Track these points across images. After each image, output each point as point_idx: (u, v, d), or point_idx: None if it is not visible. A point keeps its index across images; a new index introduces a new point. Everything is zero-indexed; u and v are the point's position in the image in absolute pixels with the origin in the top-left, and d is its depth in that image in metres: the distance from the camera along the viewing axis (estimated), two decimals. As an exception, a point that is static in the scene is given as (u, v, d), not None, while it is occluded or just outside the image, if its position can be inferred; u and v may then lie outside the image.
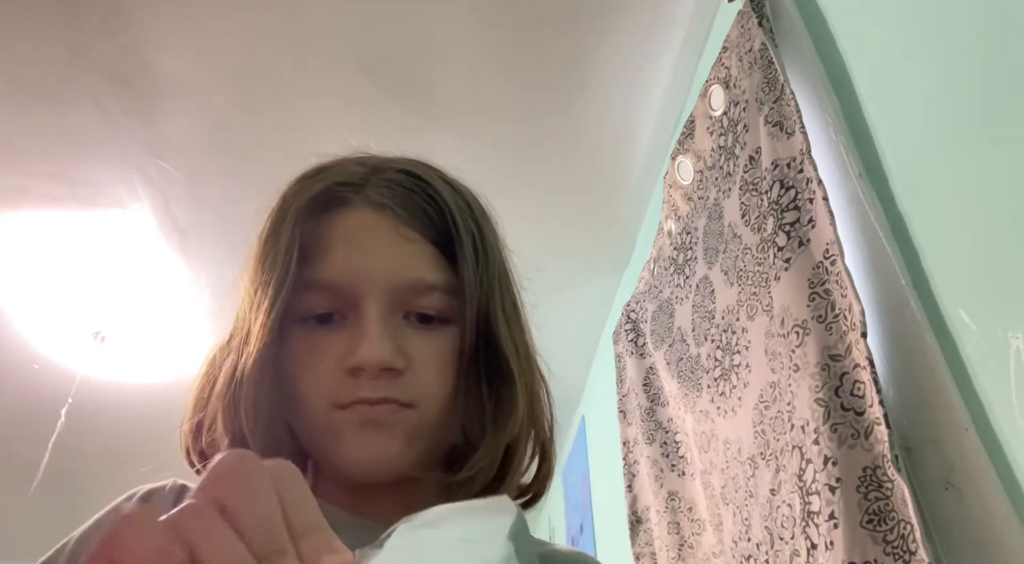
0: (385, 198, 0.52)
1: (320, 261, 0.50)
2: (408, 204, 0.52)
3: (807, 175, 0.87)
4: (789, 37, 1.01)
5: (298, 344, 0.49)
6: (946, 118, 0.74)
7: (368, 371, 0.47)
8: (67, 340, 2.08)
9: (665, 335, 1.38)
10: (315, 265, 0.49)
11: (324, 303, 0.49)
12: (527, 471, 0.54)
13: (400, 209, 0.51)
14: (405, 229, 0.51)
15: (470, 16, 1.33)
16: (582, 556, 0.57)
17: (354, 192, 0.52)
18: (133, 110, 1.48)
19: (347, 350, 0.47)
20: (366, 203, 0.52)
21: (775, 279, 0.90)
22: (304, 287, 0.49)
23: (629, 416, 1.59)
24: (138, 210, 1.71)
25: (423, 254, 0.51)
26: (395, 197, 0.52)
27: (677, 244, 1.36)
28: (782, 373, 0.89)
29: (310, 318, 0.49)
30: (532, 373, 0.55)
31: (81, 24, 1.32)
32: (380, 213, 0.51)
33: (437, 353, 0.50)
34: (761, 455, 0.97)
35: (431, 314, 0.50)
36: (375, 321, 0.48)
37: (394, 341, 0.48)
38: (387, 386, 0.48)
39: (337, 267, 0.49)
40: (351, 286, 0.49)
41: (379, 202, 0.52)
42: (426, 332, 0.50)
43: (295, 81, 1.44)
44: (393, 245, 0.50)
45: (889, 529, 0.69)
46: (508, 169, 1.65)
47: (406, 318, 0.50)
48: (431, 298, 0.50)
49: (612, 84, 1.46)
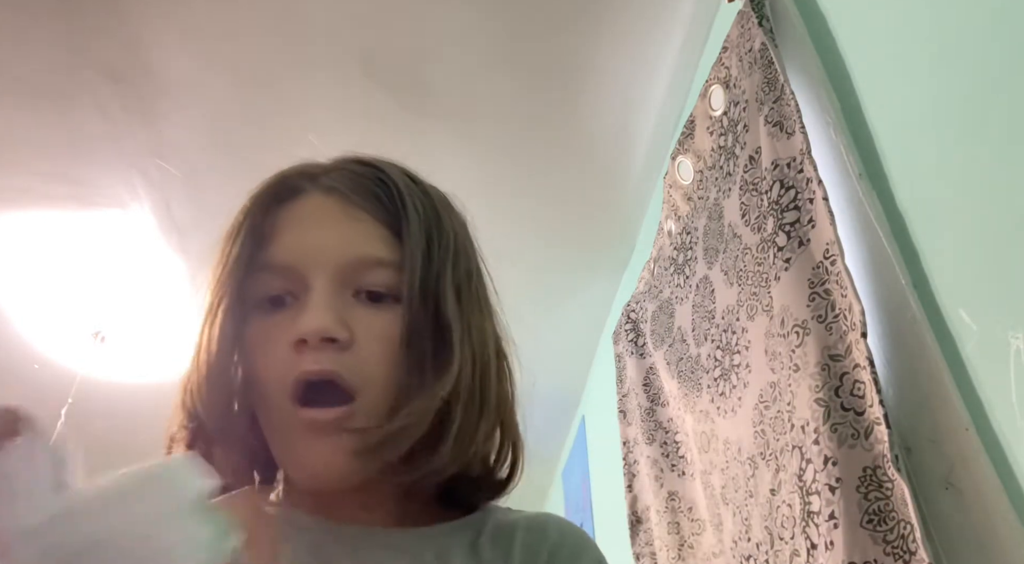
0: (335, 182, 0.54)
1: (272, 245, 0.51)
2: (357, 187, 0.53)
3: (807, 175, 0.87)
4: (789, 37, 1.01)
5: (254, 331, 0.50)
6: (946, 118, 0.74)
7: (310, 341, 0.47)
8: (67, 340, 2.08)
9: (665, 335, 1.38)
10: (267, 249, 0.51)
11: (276, 285, 0.50)
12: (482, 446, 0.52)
13: (349, 192, 0.53)
14: (353, 209, 0.52)
15: (470, 17, 1.33)
16: (544, 516, 0.56)
17: (308, 181, 0.54)
18: (133, 110, 1.48)
19: (291, 326, 0.48)
20: (317, 189, 0.54)
21: (775, 279, 0.90)
22: (257, 270, 0.50)
23: (629, 416, 1.59)
24: (138, 210, 1.71)
25: (371, 232, 0.52)
26: (345, 182, 0.54)
27: (677, 244, 1.36)
28: (782, 373, 0.89)
29: (265, 303, 0.50)
30: (485, 348, 0.54)
31: (81, 24, 1.32)
32: (330, 196, 0.53)
33: (384, 329, 0.49)
34: (761, 455, 0.97)
35: (381, 291, 0.50)
36: (319, 293, 0.49)
37: (337, 313, 0.48)
38: (330, 359, 0.47)
39: (286, 248, 0.51)
40: (300, 265, 0.50)
41: (329, 186, 0.53)
42: (375, 309, 0.50)
43: (295, 81, 1.44)
44: (340, 224, 0.52)
45: (889, 529, 0.69)
46: (508, 169, 1.65)
47: (356, 296, 0.50)
48: (379, 274, 0.51)
49: (612, 84, 1.46)
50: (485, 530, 0.53)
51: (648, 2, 1.31)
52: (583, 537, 0.56)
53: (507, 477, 0.56)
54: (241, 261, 0.50)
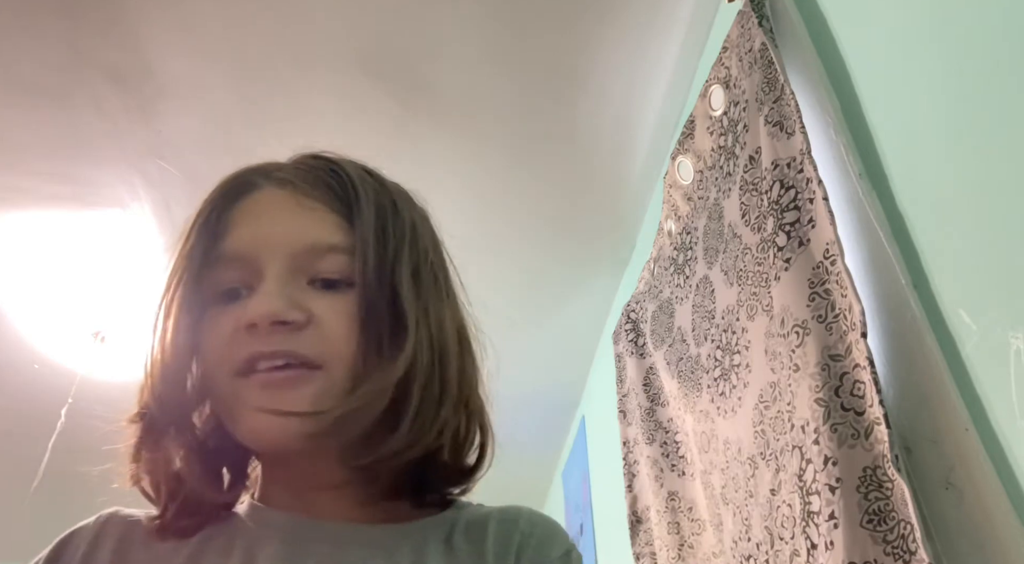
0: (288, 175, 0.55)
1: (227, 238, 0.52)
2: (310, 178, 0.54)
3: (807, 175, 0.87)
4: (789, 37, 1.01)
5: (209, 324, 0.50)
6: (946, 118, 0.74)
7: (260, 325, 0.47)
8: (67, 340, 2.08)
9: (665, 335, 1.38)
10: (222, 242, 0.52)
11: (231, 277, 0.51)
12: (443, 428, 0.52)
13: (301, 183, 0.54)
14: (306, 199, 0.53)
15: (470, 16, 1.33)
16: (515, 508, 0.57)
17: (262, 177, 0.55)
18: (133, 110, 1.48)
19: (242, 313, 0.48)
20: (271, 183, 0.55)
21: (775, 279, 0.90)
22: (212, 263, 0.51)
23: (629, 416, 1.59)
24: (138, 210, 1.71)
25: (323, 219, 0.52)
26: (298, 174, 0.55)
27: (677, 244, 1.36)
28: (782, 373, 0.89)
29: (221, 297, 0.51)
30: (443, 331, 0.54)
31: (81, 24, 1.32)
32: (282, 188, 0.54)
33: (342, 311, 0.50)
34: (761, 455, 0.97)
35: (335, 278, 0.51)
36: (270, 278, 0.49)
37: (289, 296, 0.49)
38: (285, 340, 0.47)
39: (239, 239, 0.51)
40: (253, 254, 0.50)
41: (282, 179, 0.54)
42: (331, 294, 0.50)
43: (295, 81, 1.44)
44: (291, 213, 0.52)
45: (889, 529, 0.69)
46: (508, 169, 1.65)
47: (312, 284, 0.51)
48: (333, 260, 0.51)
49: (612, 84, 1.46)
50: (459, 525, 0.54)
51: (648, 2, 1.31)
52: (554, 526, 0.57)
53: (476, 462, 0.56)
54: (196, 255, 0.51)
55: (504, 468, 0.59)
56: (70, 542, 0.51)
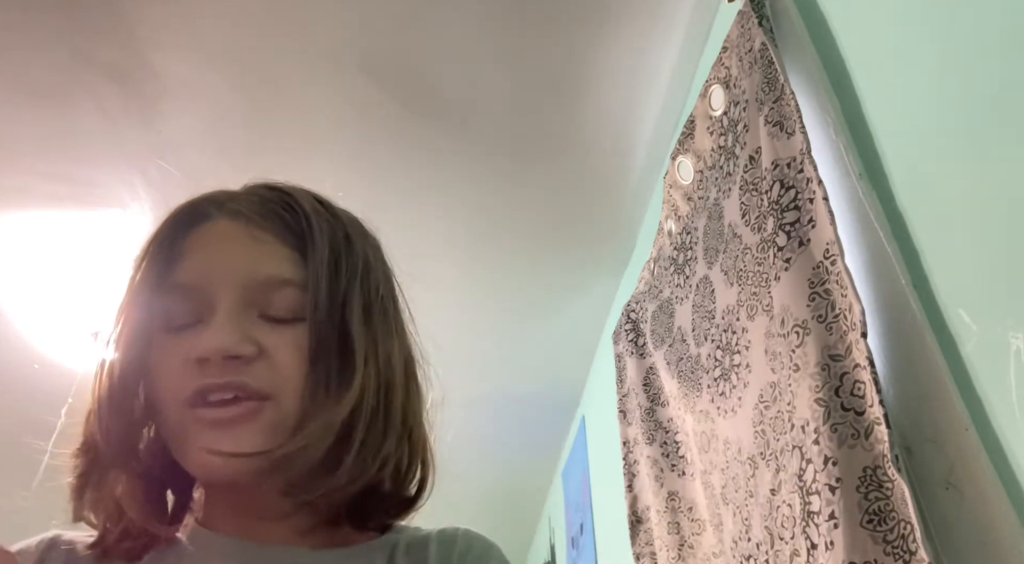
0: (242, 207, 0.55)
1: (178, 267, 0.52)
2: (263, 211, 0.54)
3: (807, 175, 0.87)
4: (789, 37, 1.01)
5: (157, 352, 0.50)
6: (946, 117, 0.74)
7: (212, 360, 0.47)
8: (67, 340, 2.08)
9: (665, 335, 1.38)
10: (173, 272, 0.52)
11: (182, 309, 0.51)
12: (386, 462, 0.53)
13: (255, 215, 0.54)
14: (259, 232, 0.53)
15: (470, 16, 1.33)
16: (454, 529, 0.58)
17: (214, 207, 0.55)
18: (133, 110, 1.48)
19: (192, 345, 0.48)
20: (223, 214, 0.54)
21: (775, 279, 0.90)
22: (163, 292, 0.51)
23: (629, 416, 1.59)
24: (138, 210, 1.71)
25: (276, 253, 0.53)
26: (252, 206, 0.55)
27: (677, 244, 1.36)
28: (782, 373, 0.89)
29: (172, 329, 0.51)
30: (390, 368, 0.54)
31: (82, 24, 1.32)
32: (235, 221, 0.54)
33: (292, 344, 0.50)
34: (761, 455, 0.97)
35: (286, 316, 0.51)
36: (222, 312, 0.49)
37: (241, 330, 0.48)
38: (235, 371, 0.48)
39: (191, 270, 0.51)
40: (205, 286, 0.50)
41: (235, 210, 0.54)
42: (282, 328, 0.51)
43: (295, 81, 1.44)
44: (244, 246, 0.52)
45: (889, 529, 0.69)
46: (508, 169, 1.65)
47: (263, 318, 0.51)
48: (284, 295, 0.51)
49: (612, 84, 1.46)
50: (399, 546, 0.55)
51: (648, 2, 1.31)
52: (489, 544, 0.58)
53: (416, 494, 0.57)
54: (147, 284, 0.51)
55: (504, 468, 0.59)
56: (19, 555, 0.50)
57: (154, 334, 0.50)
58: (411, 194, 1.67)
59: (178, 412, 0.48)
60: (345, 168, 1.59)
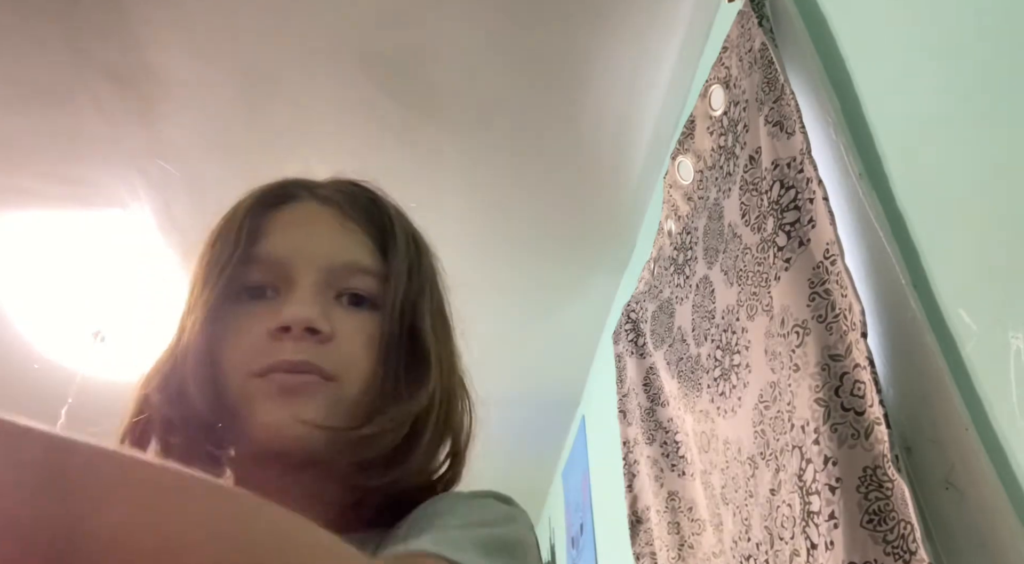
0: (332, 194, 0.57)
1: (263, 241, 0.53)
2: (352, 202, 0.57)
3: (807, 175, 0.87)
4: (789, 37, 1.01)
5: (229, 320, 0.50)
6: (946, 117, 0.74)
7: (293, 330, 0.48)
8: (67, 340, 2.08)
9: (665, 335, 1.38)
10: (258, 245, 0.52)
11: (259, 277, 0.52)
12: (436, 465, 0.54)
13: (344, 204, 0.56)
14: (346, 220, 0.55)
15: (470, 16, 1.33)
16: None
17: (304, 190, 0.57)
18: (133, 110, 1.48)
19: (273, 315, 0.49)
20: (314, 197, 0.57)
21: (775, 279, 0.90)
22: (244, 262, 0.51)
23: (629, 416, 1.59)
24: (138, 210, 1.71)
25: (361, 243, 0.55)
26: (340, 195, 0.57)
27: (677, 244, 1.36)
28: (782, 373, 0.89)
29: (243, 293, 0.51)
30: (452, 375, 0.56)
31: (82, 24, 1.32)
32: (325, 205, 0.56)
33: (363, 330, 0.51)
34: (761, 455, 0.97)
35: (362, 295, 0.53)
36: (306, 288, 0.50)
37: (321, 307, 0.50)
38: (310, 350, 0.48)
39: (277, 243, 0.53)
40: (288, 261, 0.52)
41: (326, 196, 0.57)
42: (355, 312, 0.52)
43: (295, 81, 1.44)
44: (333, 230, 0.54)
45: (889, 529, 0.69)
46: (507, 169, 1.65)
47: (338, 299, 0.52)
48: (363, 280, 0.53)
49: (612, 84, 1.46)
50: None
51: (648, 2, 1.31)
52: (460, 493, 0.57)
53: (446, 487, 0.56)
54: (230, 255, 0.51)
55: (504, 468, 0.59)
56: None
57: (230, 304, 0.51)
58: (411, 194, 1.66)
59: (244, 381, 0.48)
60: (344, 168, 1.59)
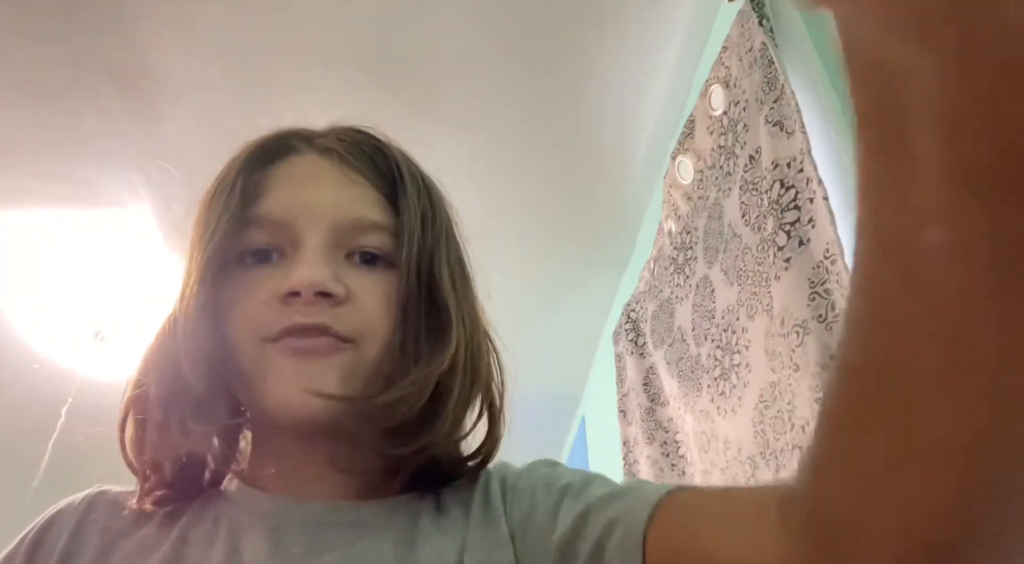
0: (333, 144, 0.52)
1: (262, 200, 0.49)
2: (355, 151, 0.52)
3: (807, 175, 0.87)
4: (789, 37, 1.01)
5: (234, 284, 0.47)
6: (946, 118, 0.73)
7: (303, 295, 0.45)
8: (67, 340, 2.08)
9: (665, 335, 1.38)
10: (257, 204, 0.49)
11: (263, 239, 0.48)
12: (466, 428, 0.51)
13: (347, 154, 0.52)
14: (351, 172, 0.51)
15: (470, 16, 1.33)
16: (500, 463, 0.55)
17: (302, 141, 0.53)
18: (134, 110, 1.48)
19: (282, 279, 0.45)
20: (313, 149, 0.52)
21: (775, 279, 0.90)
22: (245, 224, 0.48)
23: (629, 416, 1.59)
24: (138, 210, 1.70)
25: (367, 196, 0.50)
26: (343, 145, 0.53)
27: (677, 244, 1.36)
28: (782, 373, 0.89)
29: (247, 257, 0.48)
30: (476, 329, 0.52)
31: (82, 24, 1.32)
32: (326, 157, 0.52)
33: (379, 290, 0.48)
34: (761, 455, 0.97)
35: (375, 253, 0.49)
36: (314, 249, 0.47)
37: (332, 269, 0.46)
38: (325, 312, 0.45)
39: (279, 202, 0.49)
40: (292, 221, 0.48)
41: (326, 147, 0.52)
42: (369, 271, 0.49)
43: (295, 80, 1.44)
44: (337, 184, 0.50)
45: (889, 529, 0.69)
46: (508, 169, 1.65)
47: (349, 258, 0.49)
48: (374, 237, 0.49)
49: (612, 84, 1.46)
50: (444, 493, 0.51)
51: (648, 2, 1.31)
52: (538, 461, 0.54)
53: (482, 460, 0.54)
54: (228, 217, 0.48)
55: (504, 468, 0.58)
56: (50, 529, 0.47)
57: (232, 268, 0.47)
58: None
59: (257, 348, 0.45)
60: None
